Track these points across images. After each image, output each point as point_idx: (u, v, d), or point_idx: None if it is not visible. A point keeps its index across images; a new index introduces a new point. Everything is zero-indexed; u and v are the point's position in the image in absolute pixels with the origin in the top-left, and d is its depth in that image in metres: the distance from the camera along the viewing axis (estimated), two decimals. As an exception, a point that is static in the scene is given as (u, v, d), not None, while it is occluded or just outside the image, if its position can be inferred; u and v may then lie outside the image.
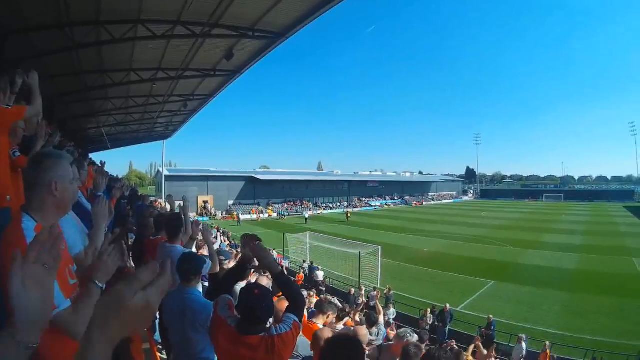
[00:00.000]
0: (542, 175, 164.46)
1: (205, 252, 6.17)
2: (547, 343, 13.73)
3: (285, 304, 4.12)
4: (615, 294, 20.84)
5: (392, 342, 5.10)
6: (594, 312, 18.45)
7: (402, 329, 5.18)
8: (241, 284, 4.63)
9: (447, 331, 16.09)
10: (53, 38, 11.60)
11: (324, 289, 19.84)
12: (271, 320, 3.01)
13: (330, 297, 14.49)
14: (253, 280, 6.84)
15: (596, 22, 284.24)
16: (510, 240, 38.83)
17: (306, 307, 5.79)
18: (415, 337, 5.12)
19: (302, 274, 21.32)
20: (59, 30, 11.14)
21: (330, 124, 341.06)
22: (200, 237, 6.29)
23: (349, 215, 63.03)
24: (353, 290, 19.09)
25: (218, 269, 4.78)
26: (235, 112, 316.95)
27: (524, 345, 13.47)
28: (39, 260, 1.13)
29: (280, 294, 3.68)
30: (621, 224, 52.99)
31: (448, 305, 16.78)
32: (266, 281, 5.55)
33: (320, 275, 22.76)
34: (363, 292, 17.75)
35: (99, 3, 10.53)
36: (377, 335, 8.37)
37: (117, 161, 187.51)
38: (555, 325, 16.89)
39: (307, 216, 61.52)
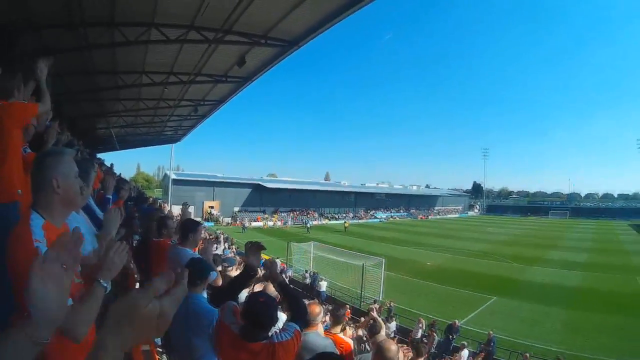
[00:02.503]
0: (549, 192, 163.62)
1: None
2: (527, 354, 14.04)
3: (317, 308, 4.16)
4: (617, 312, 20.72)
5: None
6: (596, 330, 18.34)
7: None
8: (245, 292, 4.63)
9: (451, 347, 16.08)
10: (66, 37, 11.66)
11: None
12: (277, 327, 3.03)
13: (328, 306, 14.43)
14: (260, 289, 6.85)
15: (604, 35, 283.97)
16: (514, 256, 38.71)
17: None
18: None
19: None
20: (73, 30, 11.24)
21: (338, 134, 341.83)
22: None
23: (347, 226, 63.87)
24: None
25: (220, 282, 4.76)
26: (244, 119, 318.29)
27: (465, 352, 13.80)
28: (59, 260, 1.15)
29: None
30: (626, 242, 52.69)
31: (457, 322, 16.82)
32: (272, 288, 5.55)
33: (323, 285, 22.67)
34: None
35: (114, 5, 10.63)
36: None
37: (124, 162, 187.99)
38: (556, 343, 16.76)
39: (309, 225, 61.68)
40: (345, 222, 69.21)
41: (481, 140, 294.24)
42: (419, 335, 15.11)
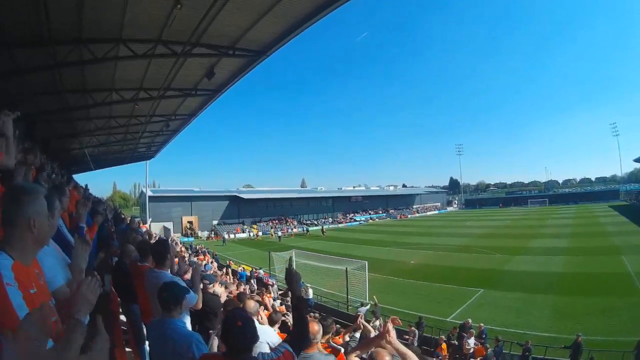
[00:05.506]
0: (526, 182, 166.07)
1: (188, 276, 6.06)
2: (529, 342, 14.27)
3: (316, 326, 4.10)
4: (604, 293, 20.94)
5: None
6: (584, 313, 18.45)
7: None
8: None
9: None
10: (35, 55, 11.58)
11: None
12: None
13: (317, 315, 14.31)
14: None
15: (575, 25, 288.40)
16: (497, 247, 38.90)
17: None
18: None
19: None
20: (41, 47, 11.10)
21: (312, 140, 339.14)
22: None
23: (324, 231, 65.03)
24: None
25: (200, 306, 4.65)
26: (217, 131, 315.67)
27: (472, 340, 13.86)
28: (32, 337, 1.16)
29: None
30: (608, 224, 53.07)
31: (470, 320, 16.59)
32: (252, 304, 5.46)
33: (310, 292, 22.44)
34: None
35: (81, 21, 10.53)
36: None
37: (100, 182, 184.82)
38: (546, 329, 16.88)
39: (280, 234, 61.49)
40: (322, 227, 70.10)
41: (455, 138, 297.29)
42: (472, 344, 14.97)
